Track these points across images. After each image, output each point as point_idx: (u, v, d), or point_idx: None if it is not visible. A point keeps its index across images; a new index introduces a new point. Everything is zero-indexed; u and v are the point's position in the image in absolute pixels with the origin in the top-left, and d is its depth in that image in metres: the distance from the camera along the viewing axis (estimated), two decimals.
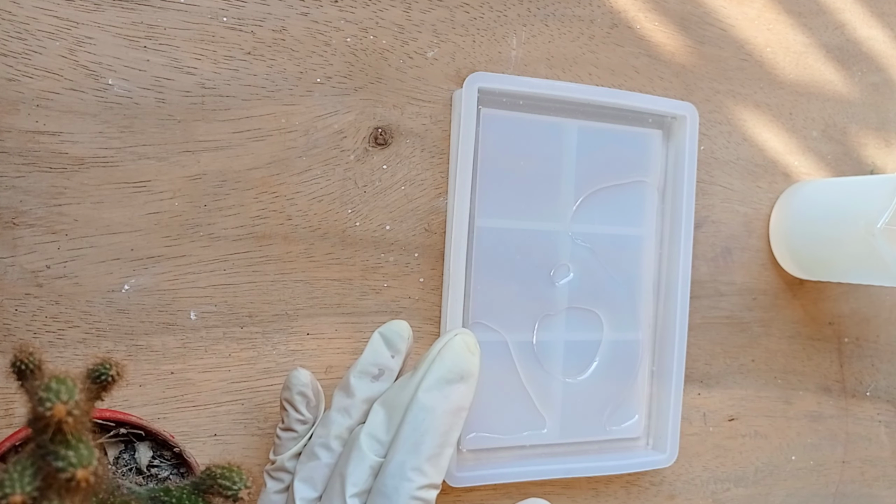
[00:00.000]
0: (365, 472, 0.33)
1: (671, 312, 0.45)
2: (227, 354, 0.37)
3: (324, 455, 0.34)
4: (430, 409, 0.33)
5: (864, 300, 0.53)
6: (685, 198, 0.44)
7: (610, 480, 0.46)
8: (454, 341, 0.35)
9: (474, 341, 0.35)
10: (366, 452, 0.33)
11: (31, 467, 0.21)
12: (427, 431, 0.33)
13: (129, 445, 0.33)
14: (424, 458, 0.33)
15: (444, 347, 0.34)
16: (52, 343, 0.35)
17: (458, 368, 0.34)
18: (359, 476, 0.33)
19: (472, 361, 0.35)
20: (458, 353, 0.34)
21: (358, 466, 0.33)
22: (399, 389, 0.34)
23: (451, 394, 0.34)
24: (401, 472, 0.32)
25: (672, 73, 0.46)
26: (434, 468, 0.33)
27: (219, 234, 0.37)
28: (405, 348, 0.36)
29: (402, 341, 0.36)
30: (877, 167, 0.53)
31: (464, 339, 0.35)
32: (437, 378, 0.34)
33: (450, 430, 0.33)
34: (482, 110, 0.41)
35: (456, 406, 0.34)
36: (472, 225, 0.40)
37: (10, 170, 0.34)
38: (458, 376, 0.34)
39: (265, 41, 0.37)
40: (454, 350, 0.34)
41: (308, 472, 0.34)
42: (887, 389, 0.54)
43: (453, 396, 0.34)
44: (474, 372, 0.35)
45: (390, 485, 0.32)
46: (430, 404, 0.33)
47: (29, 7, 0.33)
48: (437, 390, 0.33)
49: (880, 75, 0.53)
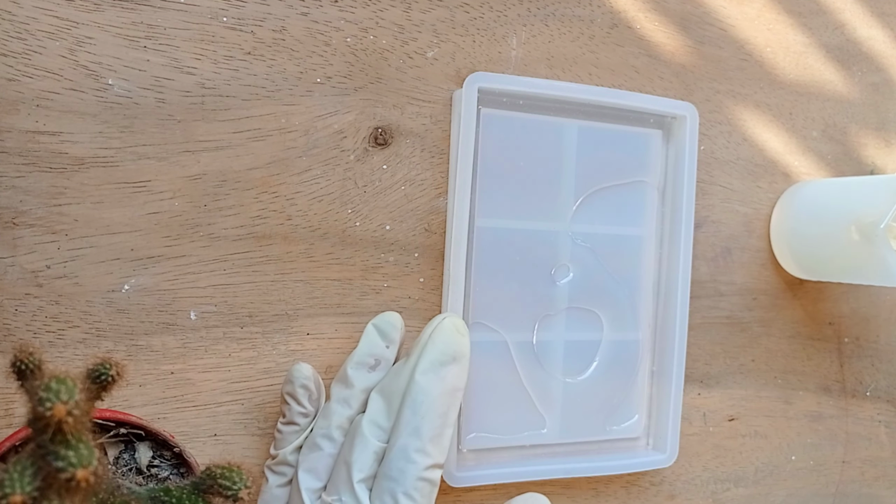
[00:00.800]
0: (370, 458, 0.34)
1: (671, 312, 0.45)
2: (227, 354, 0.37)
3: (326, 445, 0.35)
4: (427, 391, 0.34)
5: (864, 300, 0.53)
6: (685, 198, 0.44)
7: (610, 480, 0.46)
8: (443, 324, 0.36)
9: (462, 323, 0.36)
10: (369, 439, 0.34)
11: (31, 467, 0.21)
12: (426, 414, 0.34)
13: (129, 445, 0.33)
14: (427, 440, 0.34)
15: (435, 331, 0.35)
16: (52, 343, 0.35)
17: (451, 350, 0.35)
18: (364, 462, 0.34)
19: (463, 342, 0.36)
20: (449, 336, 0.35)
21: (363, 453, 0.34)
22: (394, 376, 0.35)
23: (446, 375, 0.35)
24: (405, 454, 0.33)
25: (672, 73, 0.46)
26: (436, 448, 0.34)
27: (219, 234, 0.37)
28: (398, 338, 0.37)
29: (395, 331, 0.37)
30: (877, 167, 0.53)
31: (452, 322, 0.36)
32: (431, 361, 0.35)
33: (448, 410, 0.34)
34: (482, 110, 0.41)
35: (451, 386, 0.35)
36: (472, 225, 0.40)
37: (10, 170, 0.34)
38: (450, 357, 0.35)
39: (265, 41, 0.37)
40: (444, 333, 0.35)
41: (311, 462, 0.35)
42: (887, 389, 0.54)
43: (448, 377, 0.35)
44: (466, 352, 0.36)
45: (396, 467, 0.33)
46: (427, 387, 0.34)
47: (29, 7, 0.33)
48: (433, 373, 0.34)
49: (880, 75, 0.53)
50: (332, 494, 0.34)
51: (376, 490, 0.34)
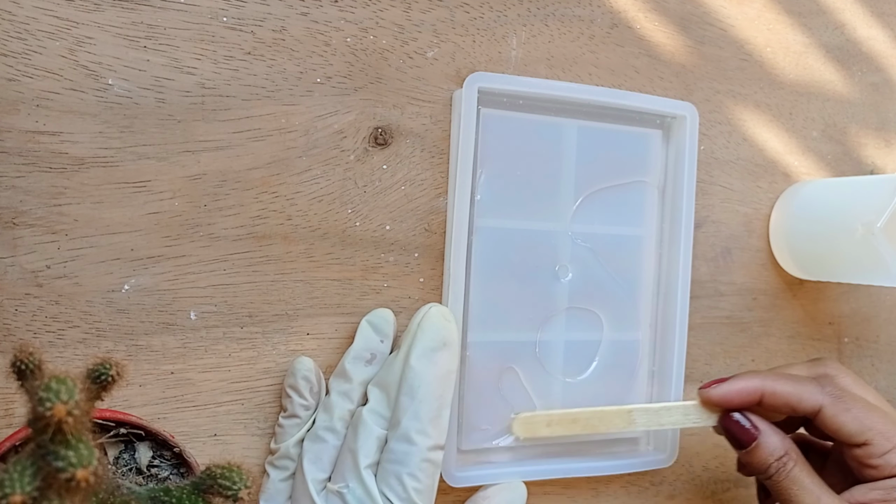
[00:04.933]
0: (374, 445, 0.36)
1: (671, 312, 0.45)
2: (227, 354, 0.37)
3: (330, 438, 0.36)
4: (422, 376, 0.36)
5: (864, 300, 0.53)
6: (685, 198, 0.44)
7: (610, 480, 0.46)
8: (430, 313, 0.37)
9: (448, 311, 0.38)
10: (371, 426, 0.36)
11: (31, 467, 0.21)
12: (424, 397, 0.35)
13: (129, 445, 0.33)
14: (426, 421, 0.35)
15: (423, 320, 0.37)
16: (52, 343, 0.35)
17: (440, 336, 0.36)
18: (369, 448, 0.35)
19: (451, 328, 0.37)
20: (437, 323, 0.37)
21: (367, 440, 0.35)
22: (389, 367, 0.37)
23: (438, 360, 0.36)
24: (407, 437, 0.35)
25: (672, 73, 0.46)
26: (436, 429, 0.36)
27: (219, 234, 0.37)
28: (392, 332, 0.39)
29: (388, 326, 0.38)
30: (877, 167, 0.53)
31: (439, 310, 0.37)
32: (423, 348, 0.36)
33: (443, 392, 0.36)
34: (482, 110, 0.41)
35: (444, 370, 0.36)
36: (472, 225, 0.40)
37: (10, 170, 0.34)
38: (440, 343, 0.36)
39: (265, 41, 0.37)
40: (432, 321, 0.37)
41: (315, 454, 0.36)
42: (887, 389, 0.54)
43: (441, 362, 0.36)
44: (455, 338, 0.37)
45: (399, 450, 0.35)
46: (422, 372, 0.36)
47: (29, 7, 0.33)
48: (426, 358, 0.36)
49: (880, 75, 0.53)
50: (338, 482, 0.36)
51: (381, 474, 0.35)
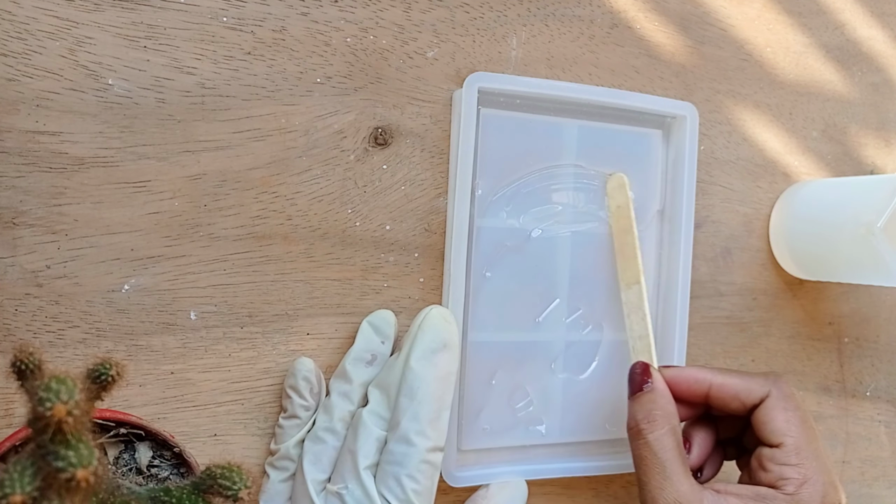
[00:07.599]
0: (373, 446, 0.35)
1: (671, 312, 0.45)
2: (227, 354, 0.37)
3: (330, 438, 0.36)
4: (421, 377, 0.35)
5: (864, 300, 0.53)
6: (685, 198, 0.44)
7: (610, 480, 0.46)
8: (431, 314, 0.37)
9: (449, 312, 0.38)
10: (371, 428, 0.36)
11: (31, 467, 0.21)
12: (423, 399, 0.35)
13: (129, 445, 0.33)
14: (426, 423, 0.35)
15: (424, 321, 0.37)
16: (52, 343, 0.35)
17: (440, 338, 0.36)
18: (368, 449, 0.35)
19: (451, 330, 0.37)
20: (437, 325, 0.37)
21: (367, 441, 0.35)
22: (389, 369, 0.37)
23: (438, 361, 0.36)
24: (406, 438, 0.35)
25: (672, 73, 0.46)
26: (435, 431, 0.35)
27: (219, 234, 0.37)
28: (392, 334, 0.38)
29: (389, 327, 0.38)
30: (877, 167, 0.53)
31: (439, 312, 0.37)
32: (423, 350, 0.36)
33: (443, 394, 0.36)
34: (482, 110, 0.41)
35: (444, 372, 0.36)
36: (472, 225, 0.40)
37: (10, 170, 0.34)
38: (441, 345, 0.36)
39: (265, 41, 0.37)
40: (433, 322, 0.37)
41: (316, 455, 0.36)
42: (887, 389, 0.54)
43: (441, 363, 0.36)
44: (455, 339, 0.37)
45: (398, 451, 0.35)
46: (422, 373, 0.35)
47: (29, 7, 0.33)
48: (426, 360, 0.36)
49: (880, 75, 0.53)
50: (337, 483, 0.35)
51: (380, 475, 0.35)
